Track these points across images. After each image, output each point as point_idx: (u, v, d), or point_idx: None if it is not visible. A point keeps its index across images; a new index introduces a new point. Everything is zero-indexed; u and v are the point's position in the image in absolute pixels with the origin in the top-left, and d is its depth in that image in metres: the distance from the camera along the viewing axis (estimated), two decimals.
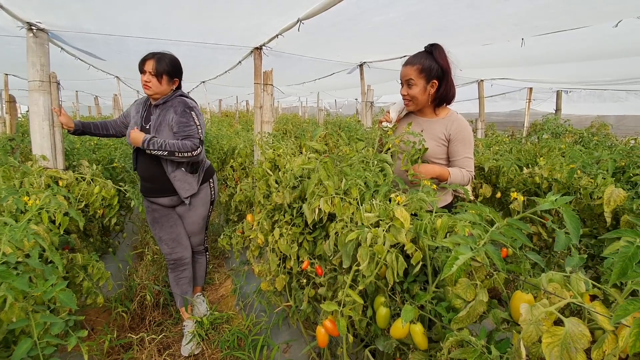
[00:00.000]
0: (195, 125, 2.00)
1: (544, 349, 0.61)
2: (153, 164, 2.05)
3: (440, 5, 2.08)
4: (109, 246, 2.66)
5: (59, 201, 1.52)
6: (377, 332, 1.21)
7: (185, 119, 1.98)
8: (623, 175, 2.15)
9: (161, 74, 1.97)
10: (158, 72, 1.96)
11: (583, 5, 2.00)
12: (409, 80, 1.63)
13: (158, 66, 1.96)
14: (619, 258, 0.60)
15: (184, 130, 1.97)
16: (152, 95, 2.03)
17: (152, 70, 1.95)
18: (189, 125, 1.98)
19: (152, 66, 1.96)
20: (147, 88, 1.99)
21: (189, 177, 2.09)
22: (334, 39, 2.93)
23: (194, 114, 2.01)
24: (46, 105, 2.15)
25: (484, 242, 0.87)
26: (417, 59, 1.62)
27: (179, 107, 2.00)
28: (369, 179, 1.39)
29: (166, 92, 2.04)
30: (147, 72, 1.96)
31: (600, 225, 1.89)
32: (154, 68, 1.95)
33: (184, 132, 1.97)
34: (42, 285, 1.07)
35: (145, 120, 2.09)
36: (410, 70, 1.62)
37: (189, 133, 1.97)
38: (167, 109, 2.02)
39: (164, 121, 2.00)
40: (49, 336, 1.04)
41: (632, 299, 0.59)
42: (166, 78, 2.00)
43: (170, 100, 2.05)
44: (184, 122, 1.97)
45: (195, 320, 2.21)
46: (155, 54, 1.99)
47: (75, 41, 2.92)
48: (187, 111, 1.99)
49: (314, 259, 1.58)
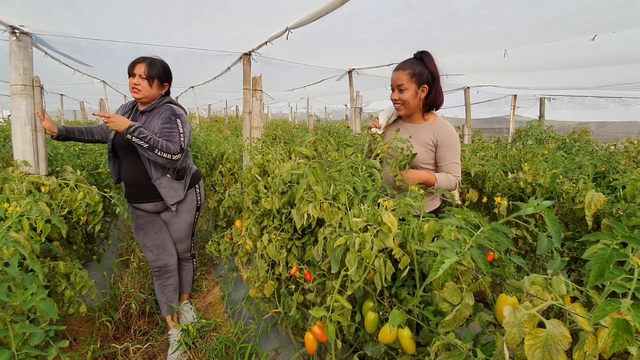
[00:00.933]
0: (179, 132, 1.95)
1: (527, 351, 0.62)
2: (136, 170, 2.02)
3: (424, 22, 2.13)
4: (93, 254, 2.60)
5: (41, 208, 1.49)
6: (366, 337, 1.21)
7: (170, 125, 1.94)
8: (603, 180, 2.22)
9: (152, 77, 1.95)
10: (149, 75, 1.94)
11: (561, 21, 2.07)
12: (400, 85, 1.66)
13: (150, 70, 1.93)
14: (596, 260, 0.62)
15: (166, 135, 1.91)
16: (141, 99, 2.00)
17: (144, 73, 1.93)
18: (172, 130, 1.93)
19: (144, 69, 1.93)
20: (136, 91, 1.95)
21: (175, 184, 2.06)
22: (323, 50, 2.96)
23: (179, 121, 1.97)
24: (29, 109, 2.11)
25: (469, 246, 0.88)
26: (408, 65, 1.66)
27: (165, 114, 1.97)
28: (358, 185, 1.40)
29: (155, 96, 2.02)
30: (137, 75, 1.93)
31: (583, 228, 1.94)
32: (145, 71, 1.93)
33: (165, 136, 1.92)
34: (21, 295, 1.04)
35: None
36: (401, 74, 1.65)
37: (170, 138, 1.91)
38: (153, 116, 1.99)
39: (149, 127, 1.96)
40: (28, 347, 1.01)
41: (610, 300, 0.60)
42: (157, 82, 1.98)
43: (157, 107, 2.02)
44: (167, 127, 1.93)
45: (182, 329, 2.17)
46: (146, 57, 1.97)
47: (61, 46, 2.87)
48: (172, 118, 1.95)
49: (303, 264, 1.58)
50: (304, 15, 2.05)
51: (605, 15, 1.97)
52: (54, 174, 2.36)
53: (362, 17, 2.06)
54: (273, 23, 2.28)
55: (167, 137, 1.91)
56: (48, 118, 2.14)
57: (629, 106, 6.61)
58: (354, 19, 2.06)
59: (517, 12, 1.95)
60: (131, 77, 1.95)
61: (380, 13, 2.00)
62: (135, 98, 2.01)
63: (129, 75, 1.97)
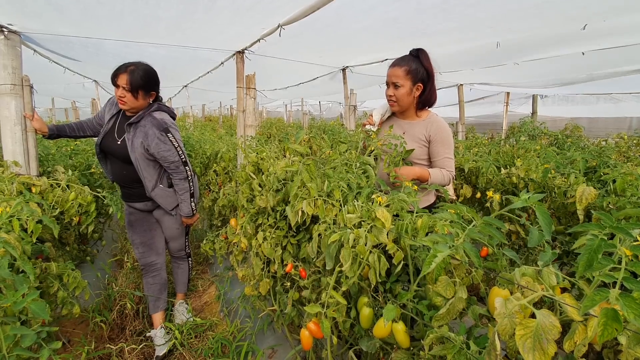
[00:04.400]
0: (174, 147, 1.95)
1: (518, 341, 0.63)
2: (123, 173, 2.04)
3: (416, 11, 2.14)
4: (86, 254, 2.57)
5: (32, 208, 1.47)
6: (361, 332, 1.21)
7: (165, 146, 1.91)
8: (594, 174, 2.25)
9: (136, 89, 1.85)
10: (132, 87, 1.84)
11: (549, 7, 2.09)
12: (395, 82, 1.66)
13: (132, 80, 1.83)
14: (584, 251, 0.63)
15: (166, 157, 1.93)
16: (129, 110, 1.96)
17: (126, 85, 1.83)
18: (169, 150, 1.93)
19: (126, 80, 1.82)
20: (123, 103, 1.90)
21: (169, 191, 2.08)
22: (316, 43, 2.95)
23: (170, 135, 1.93)
24: (18, 109, 2.08)
25: (461, 240, 0.89)
26: (404, 61, 1.66)
27: (152, 132, 1.89)
28: (352, 181, 1.41)
29: (143, 106, 1.95)
30: (121, 86, 1.84)
31: (574, 222, 1.96)
32: (127, 82, 1.83)
33: (166, 160, 1.94)
34: (12, 296, 1.03)
35: (119, 133, 2.00)
36: (397, 71, 1.65)
37: (171, 159, 1.95)
38: (140, 130, 1.92)
39: (136, 141, 1.93)
40: (20, 349, 1.00)
41: (599, 289, 0.61)
42: (142, 93, 1.88)
43: (143, 118, 1.94)
44: (164, 149, 1.91)
45: (169, 329, 2.18)
46: (127, 65, 1.85)
47: (50, 43, 2.83)
48: (162, 136, 1.90)
49: (298, 261, 1.58)
50: (296, 11, 2.05)
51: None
52: (45, 175, 2.33)
53: (353, 7, 2.06)
54: (265, 21, 2.27)
55: (168, 160, 1.95)
56: (38, 118, 2.11)
57: (619, 102, 6.70)
58: (345, 9, 2.06)
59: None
60: (115, 88, 1.88)
61: (372, 2, 2.00)
62: (123, 109, 1.98)
63: (112, 85, 1.89)
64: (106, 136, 2.02)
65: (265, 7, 2.03)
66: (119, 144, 1.98)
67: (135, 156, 1.94)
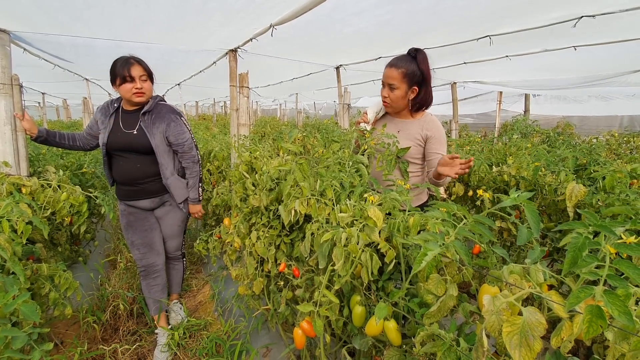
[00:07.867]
0: (188, 130, 2.06)
1: (505, 338, 0.64)
2: (136, 167, 2.01)
3: (407, 13, 2.15)
4: (79, 255, 2.55)
5: (22, 209, 1.45)
6: (354, 330, 1.22)
7: (180, 127, 2.01)
8: (584, 171, 2.28)
9: (151, 74, 1.94)
10: (149, 73, 1.93)
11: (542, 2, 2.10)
12: (391, 83, 1.65)
13: (147, 67, 1.91)
14: (569, 249, 0.64)
15: (181, 140, 2.01)
16: (144, 101, 1.95)
17: (143, 73, 1.89)
18: (184, 133, 2.03)
19: (141, 69, 1.89)
20: (141, 95, 1.90)
21: (181, 181, 2.10)
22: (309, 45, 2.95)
23: (183, 118, 2.06)
24: (8, 108, 2.05)
25: (452, 238, 0.90)
26: (401, 62, 1.64)
27: (167, 116, 1.98)
28: (345, 180, 1.41)
29: (151, 93, 2.01)
30: (137, 77, 1.86)
31: (565, 219, 1.99)
32: (143, 70, 1.90)
33: (181, 143, 2.02)
34: (2, 298, 1.02)
35: (125, 125, 1.97)
36: (394, 72, 1.63)
37: (185, 142, 2.03)
38: (156, 117, 1.98)
39: (156, 127, 1.97)
40: (10, 351, 0.99)
41: (584, 286, 0.62)
42: (151, 79, 1.97)
43: (155, 107, 2.00)
44: (180, 132, 2.01)
45: (170, 328, 2.16)
46: (134, 58, 1.91)
47: (40, 43, 2.79)
48: (177, 118, 2.02)
49: (292, 261, 1.58)
50: (287, 11, 2.04)
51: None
52: (36, 175, 2.30)
53: (345, 10, 2.07)
54: (256, 21, 2.26)
55: (184, 145, 2.03)
56: (28, 118, 2.08)
57: (610, 100, 6.78)
58: (337, 12, 2.06)
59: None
60: (129, 83, 1.86)
61: (363, 5, 2.00)
62: (140, 102, 1.95)
63: (123, 81, 1.86)
64: (112, 133, 1.97)
65: (256, 8, 2.03)
66: (135, 134, 1.96)
67: (156, 142, 1.96)
